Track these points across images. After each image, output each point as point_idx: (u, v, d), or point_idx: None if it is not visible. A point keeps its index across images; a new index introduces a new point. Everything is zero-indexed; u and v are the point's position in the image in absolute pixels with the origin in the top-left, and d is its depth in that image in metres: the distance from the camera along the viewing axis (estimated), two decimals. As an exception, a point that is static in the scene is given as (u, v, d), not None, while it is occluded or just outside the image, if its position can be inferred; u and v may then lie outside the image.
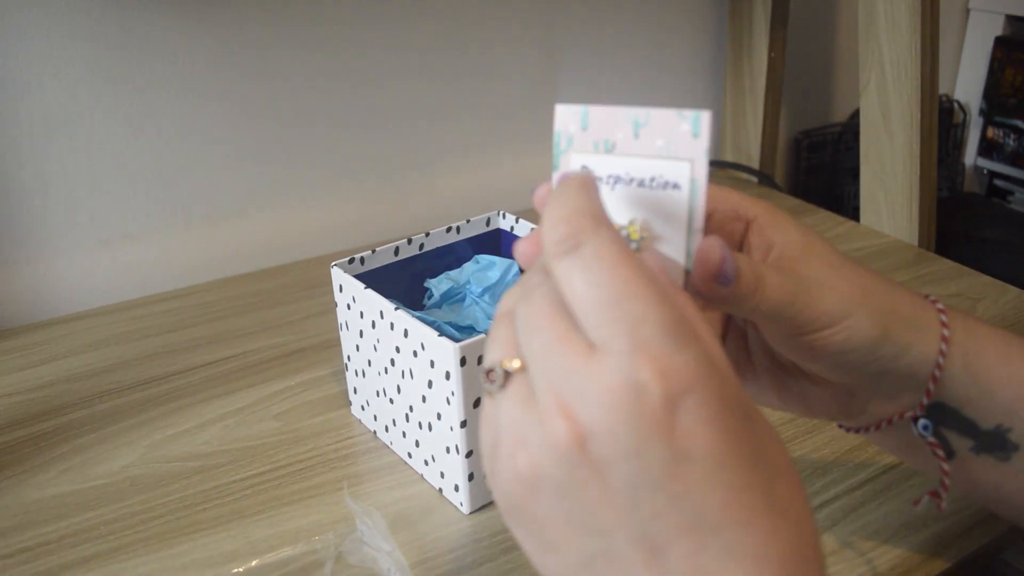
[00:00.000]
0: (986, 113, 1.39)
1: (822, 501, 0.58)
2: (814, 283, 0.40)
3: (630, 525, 0.28)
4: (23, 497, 0.61)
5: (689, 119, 0.34)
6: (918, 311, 0.43)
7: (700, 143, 0.35)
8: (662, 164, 0.35)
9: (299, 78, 0.93)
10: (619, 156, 0.36)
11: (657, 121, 0.35)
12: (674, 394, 0.28)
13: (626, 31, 1.13)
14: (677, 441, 0.28)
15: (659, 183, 0.35)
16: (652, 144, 0.35)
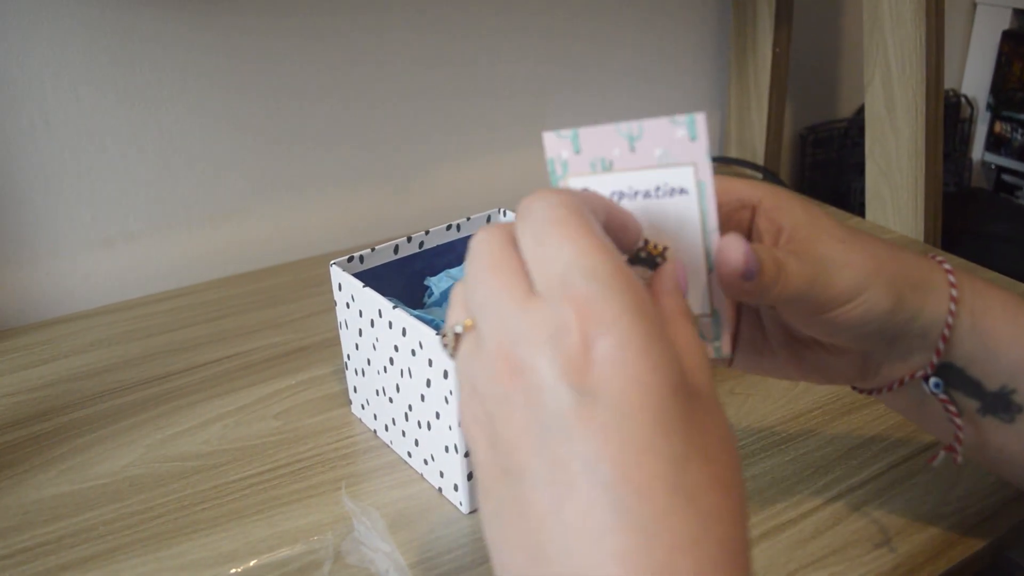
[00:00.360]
0: (993, 108, 1.38)
1: (827, 498, 0.58)
2: (829, 262, 0.41)
3: (537, 467, 0.28)
4: (23, 497, 0.61)
5: (684, 123, 0.33)
6: (927, 273, 0.43)
7: (699, 145, 0.34)
8: (665, 172, 0.34)
9: (300, 77, 0.93)
10: (620, 172, 0.35)
11: (651, 131, 0.34)
12: (592, 333, 0.27)
13: (630, 27, 1.13)
14: (588, 380, 0.27)
15: (665, 191, 0.35)
16: (650, 155, 0.34)
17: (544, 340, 0.28)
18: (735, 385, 0.71)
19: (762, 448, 0.63)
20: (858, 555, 0.53)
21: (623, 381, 0.27)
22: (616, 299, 0.28)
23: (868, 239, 0.43)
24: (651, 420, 0.27)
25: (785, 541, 0.55)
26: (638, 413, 0.27)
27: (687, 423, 0.28)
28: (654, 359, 0.27)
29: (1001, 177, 1.40)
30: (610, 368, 0.27)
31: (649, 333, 0.28)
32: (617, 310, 0.28)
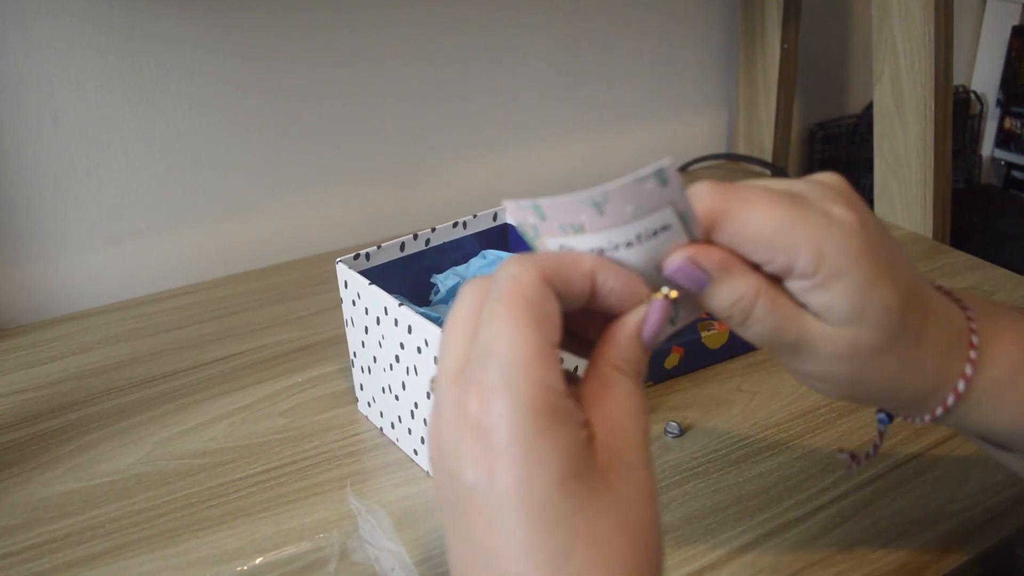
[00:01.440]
0: (1003, 104, 1.38)
1: (834, 496, 0.58)
2: (809, 353, 0.36)
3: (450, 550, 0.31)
4: (30, 495, 0.61)
5: (651, 176, 0.31)
6: (918, 397, 0.39)
7: (672, 187, 0.32)
8: (642, 222, 0.33)
9: (306, 75, 0.93)
10: (595, 233, 0.33)
11: (617, 195, 0.31)
12: (485, 425, 0.29)
13: (638, 23, 1.12)
14: (480, 470, 0.29)
15: (647, 235, 0.33)
16: (622, 213, 0.32)
17: (452, 420, 0.30)
18: (742, 383, 0.71)
19: (769, 446, 0.63)
20: (865, 553, 0.53)
21: (507, 479, 0.28)
22: (510, 395, 0.29)
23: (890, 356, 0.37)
24: (531, 517, 0.28)
25: (792, 539, 0.54)
26: (519, 511, 0.28)
27: (574, 513, 0.29)
28: (539, 456, 0.28)
29: (1011, 173, 1.39)
30: (497, 463, 0.29)
31: (537, 430, 0.28)
32: (508, 406, 0.29)
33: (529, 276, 0.31)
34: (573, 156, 1.15)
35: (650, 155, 1.21)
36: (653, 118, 1.20)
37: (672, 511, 0.57)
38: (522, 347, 0.29)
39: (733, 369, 0.73)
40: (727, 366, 0.73)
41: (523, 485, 0.28)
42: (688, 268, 0.34)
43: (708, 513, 0.57)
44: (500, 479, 0.29)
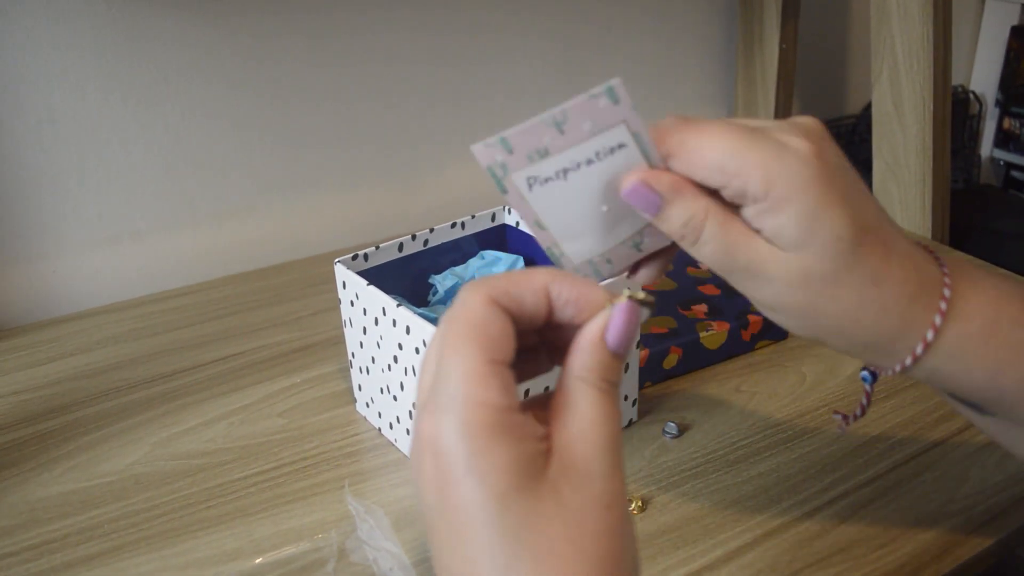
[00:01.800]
0: (1002, 104, 1.38)
1: (832, 497, 0.58)
2: (762, 278, 0.38)
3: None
4: (29, 495, 0.61)
5: (602, 93, 0.34)
6: (882, 341, 0.39)
7: (624, 106, 0.35)
8: (599, 138, 0.36)
9: (306, 75, 0.93)
10: (558, 154, 0.36)
11: (575, 111, 0.35)
12: (435, 449, 0.30)
13: (637, 23, 1.12)
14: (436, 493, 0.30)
15: (605, 152, 0.36)
16: (580, 130, 0.35)
17: (416, 446, 0.31)
18: (741, 383, 0.71)
19: (768, 446, 0.63)
20: (863, 553, 0.53)
21: (454, 497, 0.29)
22: (452, 415, 0.30)
23: (846, 286, 0.37)
24: (477, 533, 0.29)
25: (790, 539, 0.54)
26: (466, 527, 0.29)
27: (519, 526, 0.29)
28: (479, 472, 0.29)
29: (1010, 173, 1.39)
30: (446, 483, 0.30)
31: (475, 449, 0.29)
32: (450, 426, 0.30)
33: (475, 299, 0.32)
34: (572, 156, 1.15)
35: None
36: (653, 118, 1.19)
37: (670, 512, 0.57)
38: (462, 368, 0.30)
39: (731, 370, 0.73)
40: (725, 367, 0.73)
41: (467, 502, 0.29)
42: (641, 189, 0.36)
43: (707, 513, 0.57)
44: (449, 498, 0.30)
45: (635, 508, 0.57)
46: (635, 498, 0.58)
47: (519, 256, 0.70)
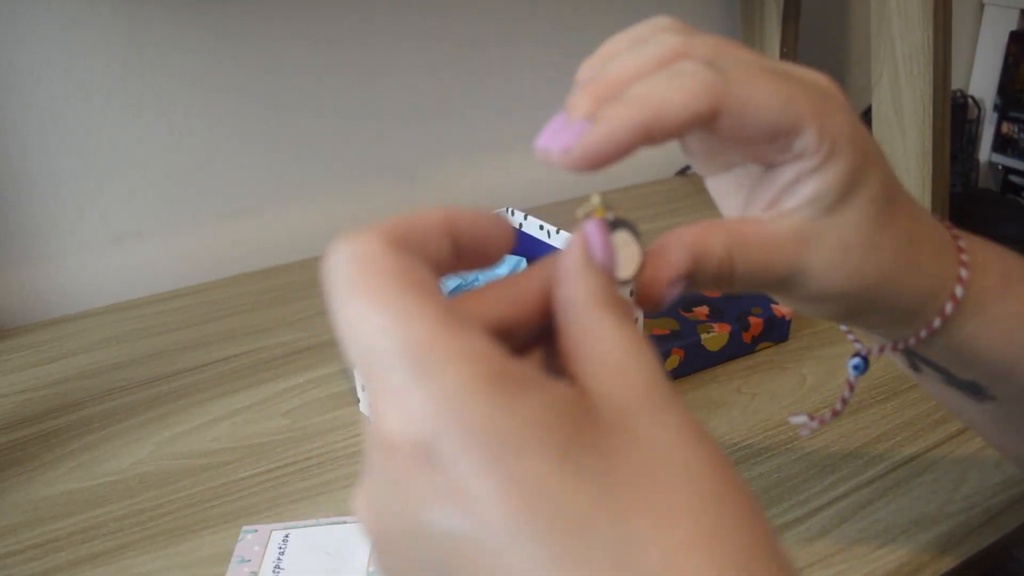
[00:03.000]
0: (1001, 108, 1.38)
1: (831, 498, 0.58)
2: (802, 273, 0.34)
3: None
4: (33, 494, 0.61)
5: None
6: (916, 303, 0.37)
7: None
8: None
9: (309, 77, 0.93)
10: None
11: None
12: (419, 445, 0.22)
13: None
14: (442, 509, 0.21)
15: None
16: None
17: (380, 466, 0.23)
18: (742, 384, 0.71)
19: (768, 447, 0.63)
20: (864, 554, 0.53)
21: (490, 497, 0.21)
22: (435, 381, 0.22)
23: (884, 250, 0.35)
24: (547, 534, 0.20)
25: (791, 540, 0.55)
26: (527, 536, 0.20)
27: (611, 489, 0.21)
28: (514, 441, 0.21)
29: (1008, 178, 1.39)
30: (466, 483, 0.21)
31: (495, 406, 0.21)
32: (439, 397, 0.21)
33: (373, 245, 0.24)
34: (573, 159, 1.15)
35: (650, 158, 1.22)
36: (652, 122, 1.20)
37: (672, 511, 0.57)
38: (419, 323, 0.22)
39: (732, 371, 0.73)
40: (726, 368, 0.73)
41: (514, 496, 0.20)
42: (670, 293, 0.32)
43: (708, 514, 0.57)
44: (480, 500, 0.21)
45: (637, 508, 0.57)
46: (637, 498, 0.58)
47: (522, 258, 0.70)
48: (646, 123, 0.29)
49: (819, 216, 0.33)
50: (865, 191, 0.33)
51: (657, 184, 1.19)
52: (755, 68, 0.31)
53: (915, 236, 0.36)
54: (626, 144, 0.30)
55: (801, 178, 0.33)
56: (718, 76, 0.30)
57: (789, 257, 0.33)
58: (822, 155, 0.32)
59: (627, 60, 0.33)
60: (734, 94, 0.30)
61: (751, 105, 0.30)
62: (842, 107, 0.33)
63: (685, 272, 0.31)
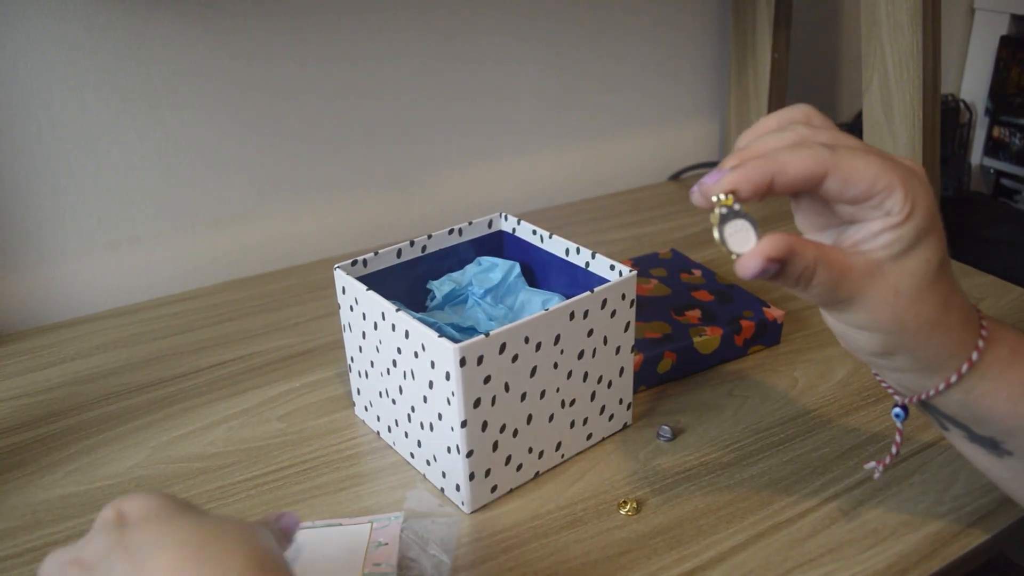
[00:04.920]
0: (992, 112, 1.39)
1: (822, 500, 0.59)
2: (860, 301, 0.43)
3: None
4: (30, 498, 0.62)
5: None
6: (941, 358, 0.45)
7: None
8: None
9: (305, 83, 0.94)
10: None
11: None
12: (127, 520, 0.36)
13: (631, 34, 1.14)
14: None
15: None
16: None
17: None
18: (733, 387, 0.72)
19: (760, 449, 0.64)
20: (853, 554, 0.54)
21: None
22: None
23: (925, 304, 0.43)
24: None
25: (782, 540, 0.55)
26: None
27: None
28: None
29: (1000, 181, 1.40)
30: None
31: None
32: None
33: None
34: (567, 164, 1.16)
35: (643, 162, 1.23)
36: (646, 127, 1.21)
37: (664, 513, 0.58)
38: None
39: (724, 374, 0.74)
40: (718, 371, 0.74)
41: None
42: (765, 266, 0.40)
43: (700, 515, 0.58)
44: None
45: (630, 510, 0.58)
46: (630, 500, 0.59)
47: (515, 262, 0.71)
48: (771, 173, 0.41)
49: (887, 261, 0.42)
50: (924, 251, 0.42)
51: (652, 188, 1.20)
52: (860, 149, 0.42)
53: (950, 303, 0.44)
54: (754, 183, 0.41)
55: (885, 230, 0.42)
56: (830, 152, 0.41)
57: (856, 282, 0.42)
58: (904, 213, 0.41)
59: (768, 140, 0.44)
60: (840, 164, 0.41)
61: (852, 172, 0.41)
62: (923, 182, 0.42)
63: (783, 255, 0.40)
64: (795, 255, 0.41)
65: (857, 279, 0.42)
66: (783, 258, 0.40)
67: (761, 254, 0.40)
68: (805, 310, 0.84)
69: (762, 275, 0.40)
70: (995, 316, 0.80)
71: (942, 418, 0.49)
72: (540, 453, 0.61)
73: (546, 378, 0.58)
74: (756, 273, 0.40)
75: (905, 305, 0.43)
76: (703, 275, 0.84)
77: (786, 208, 0.96)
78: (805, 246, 0.41)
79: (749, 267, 0.40)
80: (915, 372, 0.46)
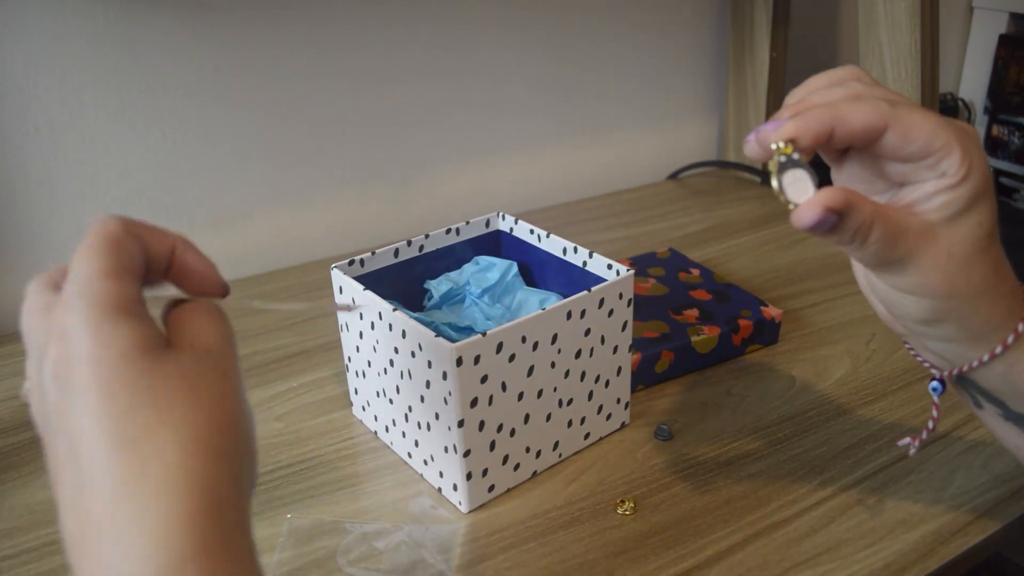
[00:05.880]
0: (991, 111, 1.39)
1: (821, 498, 0.59)
2: (913, 263, 0.42)
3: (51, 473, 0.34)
4: (29, 498, 0.62)
5: None
6: (988, 328, 0.44)
7: None
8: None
9: (301, 83, 0.94)
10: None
11: None
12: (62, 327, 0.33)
13: (629, 33, 1.14)
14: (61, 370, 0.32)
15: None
16: None
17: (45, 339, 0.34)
18: (731, 386, 0.72)
19: (758, 448, 0.64)
20: (851, 553, 0.54)
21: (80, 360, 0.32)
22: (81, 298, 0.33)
23: (977, 273, 0.42)
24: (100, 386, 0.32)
25: (779, 539, 0.55)
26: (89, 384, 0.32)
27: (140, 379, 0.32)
28: (104, 337, 0.32)
29: (999, 180, 1.40)
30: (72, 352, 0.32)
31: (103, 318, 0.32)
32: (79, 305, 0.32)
33: (112, 222, 0.35)
34: (565, 163, 1.16)
35: (641, 162, 1.23)
36: (644, 126, 1.21)
37: (662, 512, 0.58)
38: (96, 265, 0.34)
39: (722, 373, 0.74)
40: (716, 370, 0.74)
41: (91, 362, 0.32)
42: (823, 217, 0.39)
43: (698, 514, 0.58)
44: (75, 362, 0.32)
45: (627, 509, 0.58)
46: (627, 499, 0.59)
47: (513, 262, 0.71)
48: (833, 122, 0.40)
49: (940, 223, 0.41)
50: (977, 215, 0.41)
51: (650, 187, 1.20)
52: (917, 107, 0.41)
53: (1000, 270, 0.43)
54: (815, 131, 0.40)
55: (940, 191, 0.41)
56: (890, 106, 0.40)
57: (911, 241, 0.41)
58: (961, 175, 0.40)
59: (825, 93, 0.43)
60: (900, 118, 0.40)
61: (912, 126, 0.40)
62: (978, 144, 0.42)
63: (842, 206, 0.39)
64: (854, 208, 0.40)
65: (913, 237, 0.41)
66: (842, 209, 0.39)
67: (820, 203, 0.39)
68: (803, 309, 0.84)
69: (819, 227, 0.40)
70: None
71: (978, 394, 0.48)
72: (538, 453, 0.61)
73: (543, 377, 0.58)
74: (814, 223, 0.39)
75: (957, 269, 0.42)
76: (701, 274, 0.84)
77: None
78: (863, 201, 0.40)
79: (808, 217, 0.39)
80: (960, 342, 0.45)
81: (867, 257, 0.42)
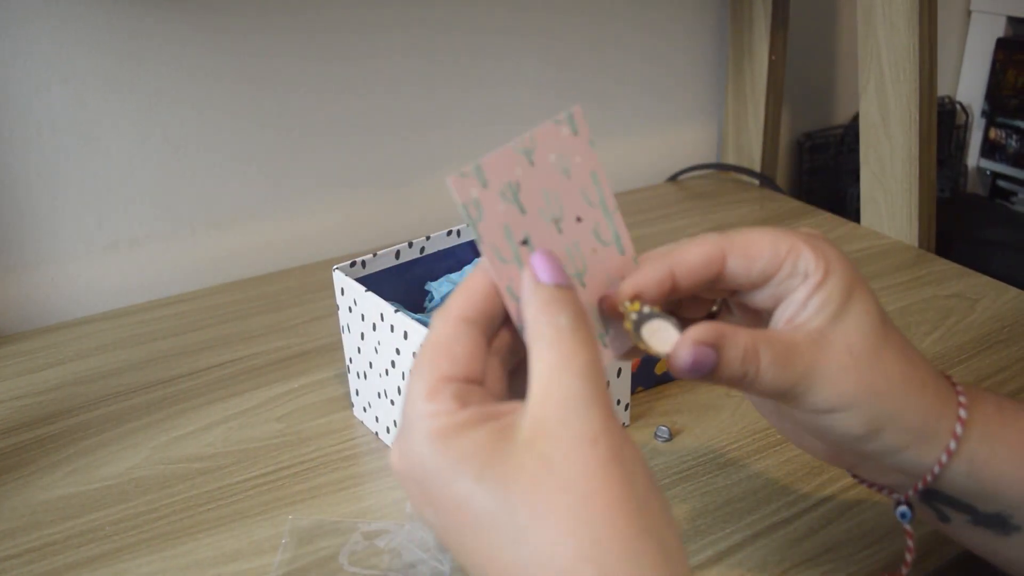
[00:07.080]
0: (988, 114, 1.40)
1: (820, 498, 0.59)
2: (818, 375, 0.39)
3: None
4: (30, 498, 0.62)
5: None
6: (931, 420, 0.40)
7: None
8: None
9: (303, 85, 0.94)
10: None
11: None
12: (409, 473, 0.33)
13: (627, 35, 1.14)
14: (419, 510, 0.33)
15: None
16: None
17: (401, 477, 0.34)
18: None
19: (757, 450, 0.64)
20: (850, 553, 0.54)
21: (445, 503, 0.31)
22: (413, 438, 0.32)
23: (885, 364, 0.39)
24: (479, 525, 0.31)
25: (779, 540, 0.55)
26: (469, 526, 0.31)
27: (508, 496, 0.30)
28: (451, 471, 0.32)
29: (996, 183, 1.41)
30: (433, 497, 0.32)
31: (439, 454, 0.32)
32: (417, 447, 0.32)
33: (441, 322, 0.35)
34: (565, 165, 1.16)
35: (641, 164, 1.23)
36: (644, 128, 1.21)
37: (662, 513, 0.58)
38: (414, 391, 0.33)
39: (722, 375, 0.74)
40: (716, 372, 0.74)
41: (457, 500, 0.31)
42: (699, 352, 0.37)
43: (697, 515, 0.58)
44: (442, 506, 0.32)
45: (628, 510, 0.58)
46: (627, 500, 0.59)
47: (513, 263, 0.71)
48: (670, 265, 0.39)
49: (827, 325, 0.39)
50: (860, 304, 0.40)
51: (649, 190, 1.20)
52: (751, 227, 0.41)
53: (911, 355, 0.41)
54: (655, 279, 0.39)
55: (811, 293, 0.39)
56: (720, 235, 0.40)
57: (806, 353, 0.39)
58: (823, 269, 0.39)
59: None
60: (734, 240, 0.40)
61: (750, 243, 0.40)
62: (826, 240, 0.41)
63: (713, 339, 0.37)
64: (727, 338, 0.37)
65: (807, 350, 0.39)
66: (714, 341, 0.37)
67: (690, 340, 0.37)
68: (802, 311, 0.84)
69: (700, 366, 0.37)
70: (993, 317, 0.81)
71: (945, 505, 0.44)
72: (538, 453, 0.61)
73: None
74: (691, 361, 0.37)
75: (867, 365, 0.39)
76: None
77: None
78: (735, 329, 0.38)
79: (683, 357, 0.37)
80: (910, 447, 0.40)
81: (768, 386, 0.39)
